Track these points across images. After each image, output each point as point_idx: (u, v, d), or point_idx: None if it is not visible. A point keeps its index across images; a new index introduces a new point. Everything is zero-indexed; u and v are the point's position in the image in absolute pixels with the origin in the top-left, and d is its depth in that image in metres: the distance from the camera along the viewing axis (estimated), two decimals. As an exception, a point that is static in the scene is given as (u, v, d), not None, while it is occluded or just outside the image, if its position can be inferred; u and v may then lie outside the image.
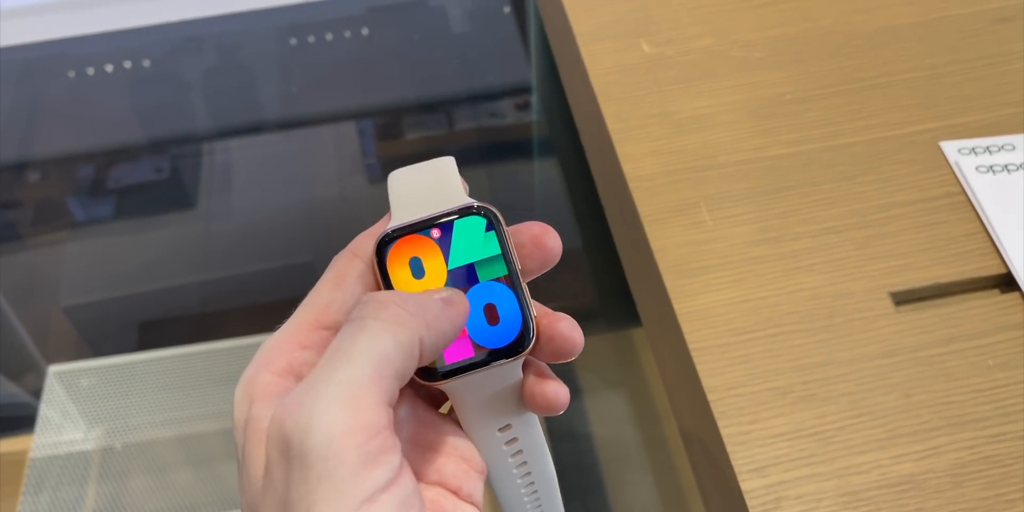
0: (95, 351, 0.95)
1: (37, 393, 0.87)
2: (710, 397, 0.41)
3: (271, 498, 0.21)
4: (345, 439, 0.20)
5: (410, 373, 0.24)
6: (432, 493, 0.26)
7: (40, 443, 0.84)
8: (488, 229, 0.25)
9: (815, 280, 0.44)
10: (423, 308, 0.23)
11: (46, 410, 0.85)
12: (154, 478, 0.85)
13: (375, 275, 0.25)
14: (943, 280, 0.44)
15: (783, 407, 0.40)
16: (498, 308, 0.25)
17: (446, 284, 0.25)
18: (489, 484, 0.28)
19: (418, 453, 0.26)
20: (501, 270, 0.25)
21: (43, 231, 1.07)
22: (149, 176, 1.11)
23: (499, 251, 0.25)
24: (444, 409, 0.28)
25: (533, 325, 0.25)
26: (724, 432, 0.40)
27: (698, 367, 0.42)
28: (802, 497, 0.38)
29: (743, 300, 0.44)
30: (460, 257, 0.25)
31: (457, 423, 0.27)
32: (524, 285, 0.26)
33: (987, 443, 0.39)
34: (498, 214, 0.26)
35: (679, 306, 0.44)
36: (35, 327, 0.96)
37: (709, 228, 0.46)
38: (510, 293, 0.25)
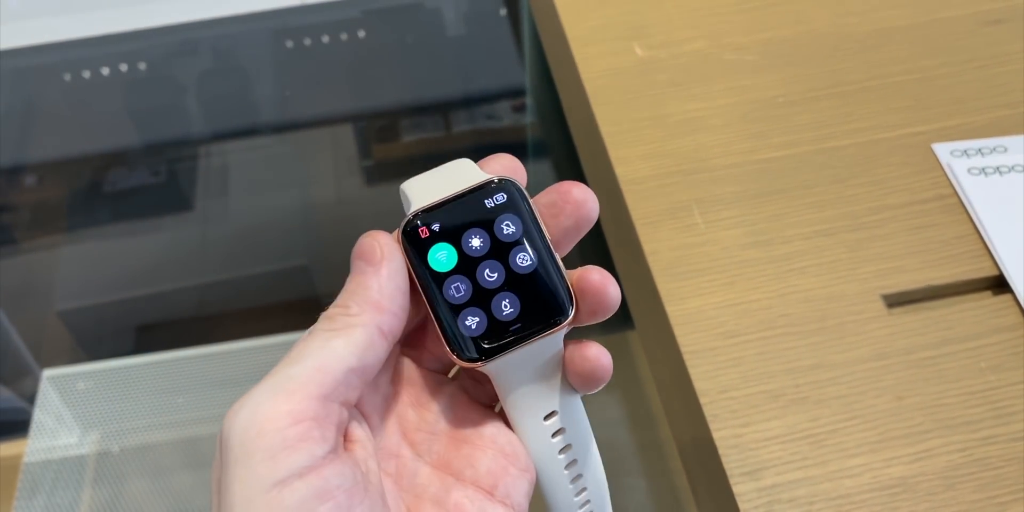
0: (90, 355, 0.95)
1: (31, 398, 0.87)
2: (702, 400, 0.41)
3: (214, 488, 0.22)
4: (265, 423, 0.21)
5: (380, 362, 0.24)
6: (458, 495, 0.25)
7: (34, 448, 0.84)
8: (515, 201, 0.25)
9: (807, 283, 0.44)
10: (364, 298, 0.24)
11: (40, 415, 0.85)
12: (150, 482, 0.85)
13: (405, 259, 0.25)
14: (935, 282, 0.44)
15: (775, 410, 0.40)
16: (534, 280, 0.25)
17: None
18: (537, 487, 0.27)
19: (455, 448, 0.26)
20: (533, 241, 0.25)
21: (38, 234, 1.07)
22: (145, 179, 1.11)
23: (528, 222, 0.25)
24: (496, 408, 0.28)
25: (572, 293, 0.25)
26: (716, 435, 0.40)
27: (690, 370, 0.42)
28: (795, 500, 0.38)
29: (735, 303, 0.44)
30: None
31: (501, 419, 0.27)
32: (556, 253, 0.25)
33: (979, 445, 0.39)
34: (520, 186, 0.25)
35: (671, 309, 0.44)
36: (30, 331, 0.96)
37: (701, 231, 0.46)
38: (545, 262, 0.25)
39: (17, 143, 1.12)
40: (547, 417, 0.27)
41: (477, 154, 0.27)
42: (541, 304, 0.25)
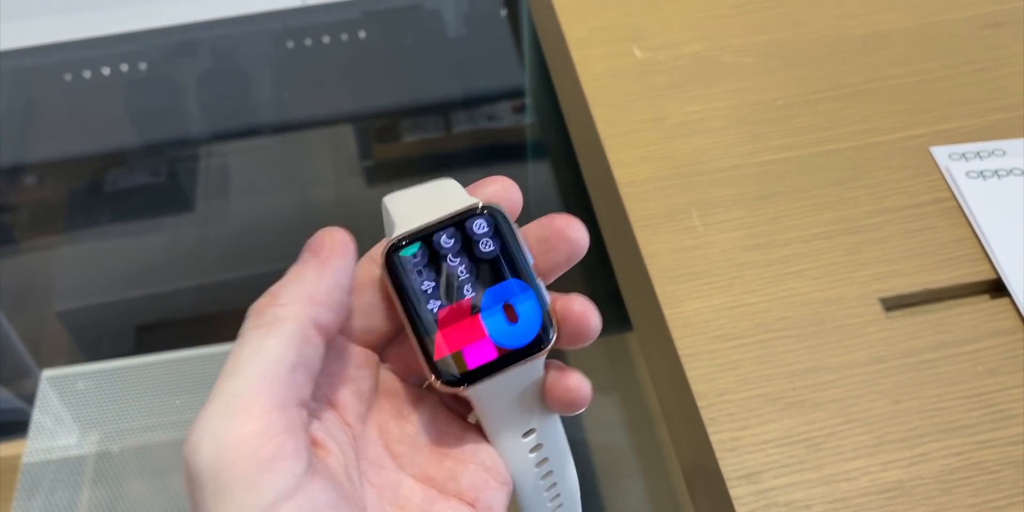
0: (90, 356, 0.95)
1: (30, 398, 0.87)
2: (700, 403, 0.41)
3: None
4: (232, 451, 0.20)
5: (321, 355, 0.23)
6: (443, 507, 0.25)
7: (33, 448, 0.84)
8: (499, 227, 0.25)
9: (805, 286, 0.44)
10: (297, 289, 0.23)
11: (39, 415, 0.85)
12: (149, 483, 0.85)
13: (386, 286, 0.25)
14: (933, 286, 0.44)
15: (772, 413, 0.40)
16: (516, 306, 0.25)
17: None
18: (514, 498, 0.28)
19: (436, 462, 0.26)
20: (516, 268, 0.25)
21: (38, 234, 1.07)
22: (145, 180, 1.11)
23: (512, 250, 0.25)
24: (472, 419, 0.28)
25: (553, 320, 0.25)
26: (713, 438, 0.40)
27: (688, 373, 0.42)
28: (791, 504, 0.38)
29: (733, 306, 0.44)
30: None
31: (481, 434, 0.27)
32: (539, 280, 0.26)
33: (976, 449, 0.39)
34: (505, 212, 0.26)
35: (669, 312, 0.44)
36: (29, 331, 0.96)
37: (699, 234, 0.46)
38: (527, 289, 0.25)
39: (17, 143, 1.12)
40: (526, 434, 0.27)
41: (477, 155, 0.27)
42: (523, 329, 0.25)
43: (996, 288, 0.44)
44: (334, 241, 0.23)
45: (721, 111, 0.52)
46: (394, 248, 0.25)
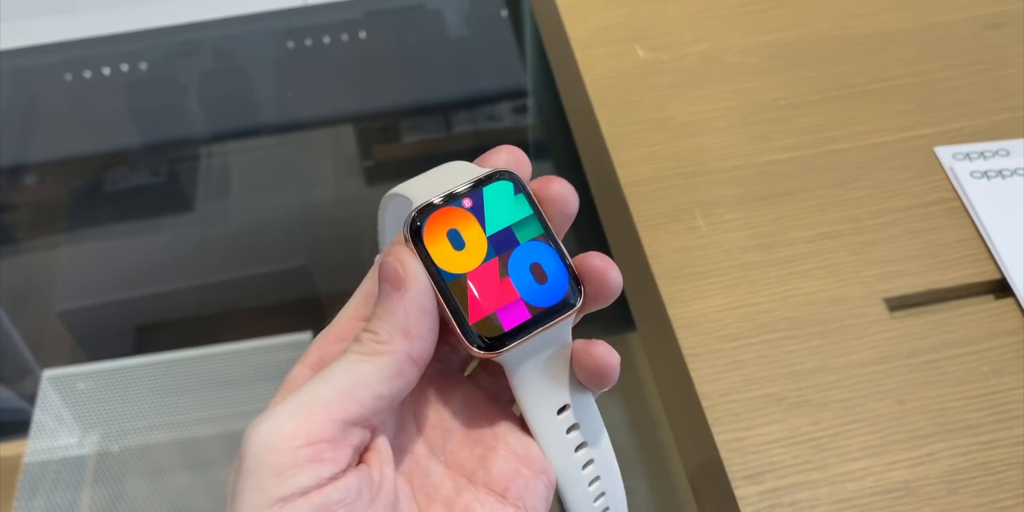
0: (90, 356, 0.95)
1: (31, 398, 0.87)
2: (704, 403, 0.41)
3: (229, 491, 0.23)
4: (279, 441, 0.22)
5: (409, 387, 0.24)
6: (469, 498, 0.25)
7: (34, 448, 0.84)
8: (517, 191, 0.25)
9: (809, 286, 0.44)
10: (391, 324, 0.24)
11: (40, 415, 0.85)
12: (150, 482, 0.85)
13: (412, 252, 0.25)
14: (937, 286, 0.44)
15: (777, 413, 0.40)
16: (544, 266, 0.25)
17: (486, 252, 0.25)
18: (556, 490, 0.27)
19: (468, 448, 0.26)
20: (538, 229, 0.25)
21: (39, 234, 1.07)
22: (146, 179, 1.11)
23: (532, 211, 0.25)
24: (516, 411, 0.27)
25: (579, 278, 0.25)
26: (718, 438, 0.40)
27: (692, 373, 0.42)
28: (796, 504, 0.38)
29: (737, 306, 0.44)
30: (496, 222, 0.25)
31: (516, 420, 0.27)
32: (560, 241, 0.26)
33: (981, 450, 0.39)
34: (521, 177, 0.26)
35: (673, 312, 0.44)
36: (30, 331, 0.96)
37: (703, 234, 0.46)
38: (551, 250, 0.25)
39: (18, 143, 1.12)
40: (560, 411, 0.26)
41: (478, 155, 0.27)
42: (549, 290, 0.25)
43: (1001, 288, 0.44)
44: (404, 266, 0.24)
45: (724, 111, 0.52)
46: (416, 221, 0.25)
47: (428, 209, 0.25)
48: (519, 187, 0.25)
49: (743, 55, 0.54)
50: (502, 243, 0.25)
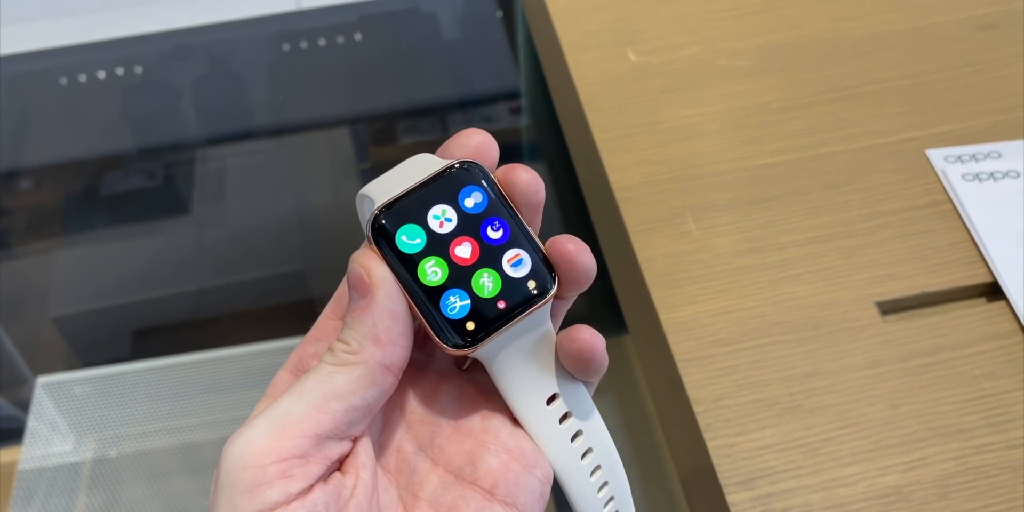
0: (85, 361, 0.95)
1: (25, 405, 0.87)
2: (696, 409, 0.41)
3: (210, 506, 0.23)
4: (250, 458, 0.22)
5: (386, 395, 0.24)
6: (454, 496, 0.25)
7: (28, 455, 0.84)
8: (479, 181, 0.25)
9: (801, 290, 0.44)
10: (361, 333, 0.24)
11: (34, 422, 0.85)
12: (145, 488, 0.85)
13: (376, 254, 0.24)
14: (929, 289, 0.44)
15: (769, 419, 0.40)
16: (512, 257, 0.25)
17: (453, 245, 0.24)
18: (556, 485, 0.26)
19: (456, 443, 0.26)
20: (505, 217, 0.25)
21: (33, 239, 1.07)
22: (141, 183, 1.11)
23: (497, 199, 0.25)
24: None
25: (551, 265, 0.25)
26: (710, 444, 0.40)
27: (684, 379, 0.41)
28: (788, 509, 0.38)
29: (729, 311, 0.44)
30: (461, 214, 0.25)
31: (507, 414, 0.26)
32: (529, 228, 0.25)
33: (974, 454, 0.39)
34: (482, 166, 0.25)
35: (665, 317, 0.43)
36: (23, 338, 0.96)
37: (695, 238, 0.46)
38: (519, 238, 0.25)
39: (13, 147, 1.12)
40: (549, 401, 0.26)
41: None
42: (522, 279, 0.25)
43: (993, 291, 0.44)
44: (369, 271, 0.24)
45: (716, 115, 0.52)
46: (376, 222, 0.24)
47: (389, 207, 0.24)
48: (482, 176, 0.25)
49: (734, 58, 0.54)
50: (469, 234, 0.24)
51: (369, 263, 0.24)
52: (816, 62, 0.54)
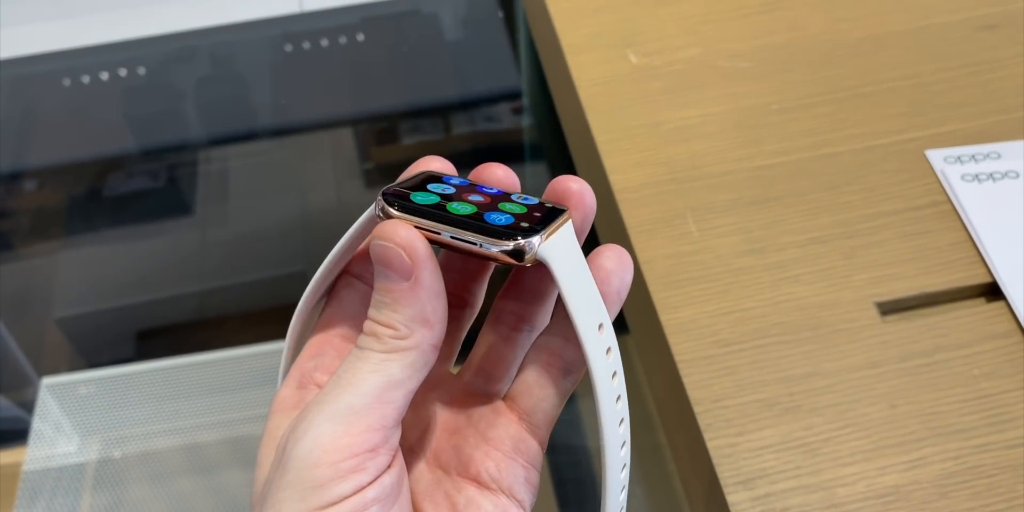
0: (89, 362, 0.95)
1: (30, 406, 0.87)
2: (696, 409, 0.41)
3: (262, 496, 0.23)
4: (322, 455, 0.22)
5: (429, 368, 0.24)
6: (448, 486, 0.26)
7: (33, 456, 0.84)
8: (454, 175, 0.26)
9: (801, 291, 0.44)
10: (410, 315, 0.23)
11: (39, 423, 0.85)
12: (150, 489, 0.85)
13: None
14: (929, 289, 0.44)
15: (769, 419, 0.40)
16: (521, 196, 0.25)
17: (472, 193, 0.25)
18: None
19: (444, 440, 0.26)
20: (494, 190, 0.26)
21: (37, 240, 1.07)
22: (144, 184, 1.11)
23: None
24: (494, 402, 0.27)
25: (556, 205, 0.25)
26: (711, 444, 0.40)
27: (684, 379, 0.42)
28: (788, 509, 0.38)
29: (729, 311, 0.44)
30: (466, 182, 0.25)
31: (490, 407, 0.26)
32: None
33: (973, 453, 0.39)
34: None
35: (665, 318, 0.44)
36: (28, 339, 0.96)
37: (695, 239, 0.46)
38: (519, 191, 0.26)
39: (17, 148, 1.12)
40: (599, 328, 0.25)
41: (475, 156, 0.27)
42: (539, 203, 0.25)
43: (992, 291, 0.44)
44: (410, 250, 0.23)
45: (716, 116, 0.52)
46: (384, 193, 0.24)
47: (389, 189, 0.24)
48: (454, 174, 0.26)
49: (735, 60, 0.55)
50: (472, 190, 0.25)
51: (407, 239, 0.22)
52: (816, 63, 0.54)
